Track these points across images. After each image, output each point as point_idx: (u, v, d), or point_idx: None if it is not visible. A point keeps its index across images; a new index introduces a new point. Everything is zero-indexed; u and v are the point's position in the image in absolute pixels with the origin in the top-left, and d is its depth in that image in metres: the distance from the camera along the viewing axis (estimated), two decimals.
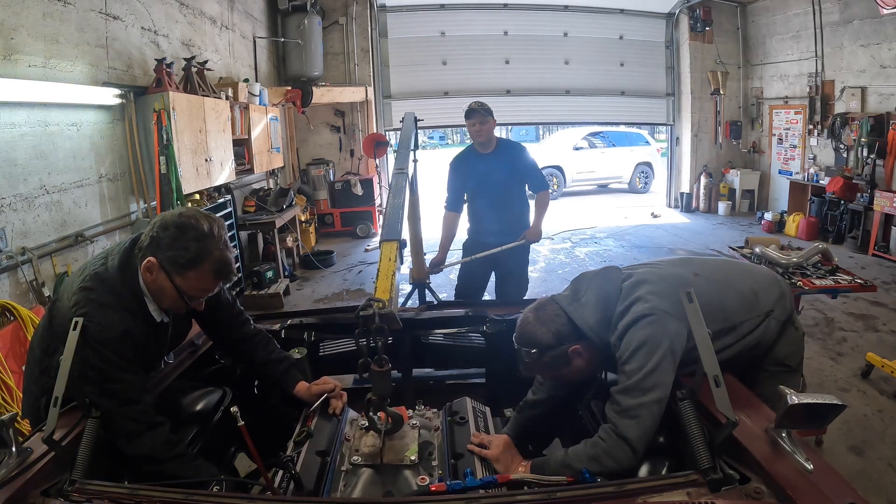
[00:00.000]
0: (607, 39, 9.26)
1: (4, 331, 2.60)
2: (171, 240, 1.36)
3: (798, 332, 1.70)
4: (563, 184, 12.13)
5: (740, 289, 1.61)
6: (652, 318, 1.38)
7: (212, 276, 1.41)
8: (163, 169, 3.79)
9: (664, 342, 1.35)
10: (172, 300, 1.43)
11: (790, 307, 1.68)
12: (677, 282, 1.48)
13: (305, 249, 6.85)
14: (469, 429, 1.54)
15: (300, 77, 7.41)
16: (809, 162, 7.88)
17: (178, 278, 1.39)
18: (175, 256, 1.36)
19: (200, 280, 1.40)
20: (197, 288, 1.42)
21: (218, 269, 1.40)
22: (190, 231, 1.36)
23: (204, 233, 1.37)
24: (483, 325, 2.17)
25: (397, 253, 1.48)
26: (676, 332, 1.37)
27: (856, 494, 1.00)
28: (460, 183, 3.49)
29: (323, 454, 1.41)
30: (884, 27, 6.49)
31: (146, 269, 1.39)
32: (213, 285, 1.45)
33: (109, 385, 1.33)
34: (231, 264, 1.44)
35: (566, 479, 1.36)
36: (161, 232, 1.38)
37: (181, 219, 1.39)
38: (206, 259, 1.37)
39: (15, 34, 2.86)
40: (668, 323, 1.37)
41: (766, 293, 1.62)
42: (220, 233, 1.41)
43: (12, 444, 1.20)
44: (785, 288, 1.71)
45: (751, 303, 1.58)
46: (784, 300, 1.65)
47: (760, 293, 1.61)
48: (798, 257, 2.99)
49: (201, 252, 1.37)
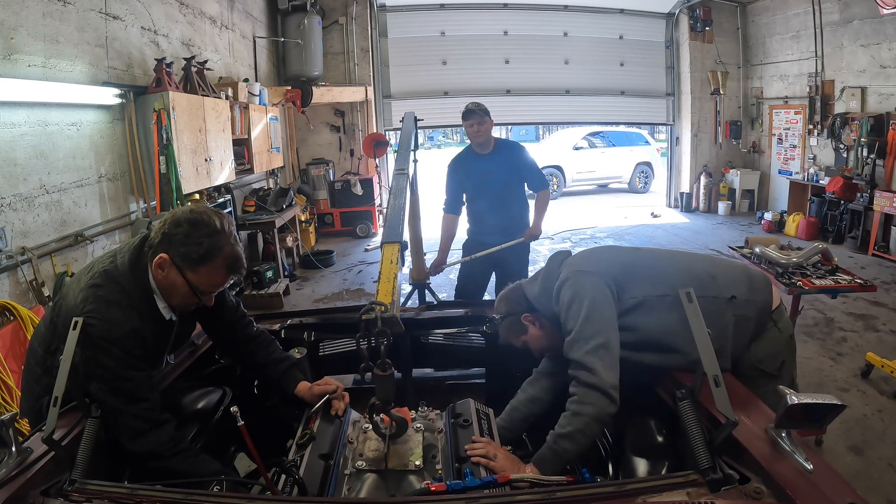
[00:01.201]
0: (607, 39, 9.26)
1: (4, 331, 2.60)
2: (184, 236, 1.38)
3: (781, 335, 1.62)
4: (562, 184, 12.13)
5: (692, 268, 1.63)
6: (571, 279, 1.57)
7: (224, 270, 1.43)
8: (163, 169, 3.79)
9: (586, 294, 1.52)
10: (183, 296, 1.44)
11: (767, 302, 1.61)
12: (606, 252, 1.72)
13: (305, 249, 6.85)
14: (473, 431, 1.53)
15: (300, 77, 7.42)
16: (809, 162, 7.88)
17: (190, 274, 1.40)
18: (188, 252, 1.38)
19: (212, 275, 1.42)
20: (209, 283, 1.43)
21: (230, 264, 1.43)
22: (202, 227, 1.38)
23: (216, 228, 1.39)
24: (483, 325, 2.18)
25: (399, 255, 1.48)
26: (594, 284, 1.54)
27: (856, 494, 0.99)
28: (458, 184, 3.49)
29: (326, 457, 1.40)
30: (884, 27, 6.49)
31: (158, 265, 1.40)
32: (225, 280, 1.47)
33: (118, 383, 1.34)
34: (242, 259, 1.46)
35: (566, 479, 1.37)
36: (173, 228, 1.39)
37: (193, 215, 1.41)
38: (218, 254, 1.39)
39: (15, 34, 2.85)
40: (582, 279, 1.56)
41: (728, 278, 1.61)
42: (230, 229, 1.43)
43: (12, 444, 1.20)
44: (757, 279, 1.66)
45: (704, 282, 1.57)
46: (756, 291, 1.60)
47: (720, 277, 1.60)
48: (798, 257, 2.99)
49: (214, 247, 1.39)
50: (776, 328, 1.61)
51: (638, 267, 1.62)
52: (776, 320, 1.62)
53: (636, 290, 1.55)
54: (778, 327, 1.62)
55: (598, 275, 1.55)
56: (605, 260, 1.65)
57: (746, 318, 1.57)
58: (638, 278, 1.58)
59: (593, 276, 1.55)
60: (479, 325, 2.20)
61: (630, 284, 1.56)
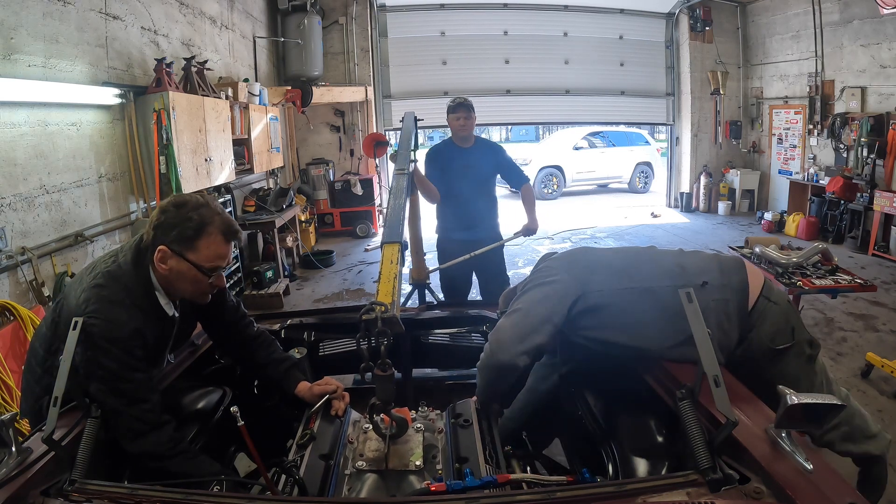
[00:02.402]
0: (607, 39, 9.26)
1: (4, 331, 2.60)
2: (173, 217, 1.40)
3: (778, 306, 1.60)
4: (562, 183, 12.14)
5: (661, 262, 1.66)
6: (537, 266, 1.74)
7: (221, 238, 1.44)
8: (162, 169, 3.79)
9: (541, 278, 1.65)
10: (193, 282, 1.45)
11: (743, 281, 1.59)
12: (580, 250, 1.79)
13: (305, 249, 6.85)
14: (473, 431, 1.53)
15: (300, 77, 7.41)
16: (809, 162, 7.88)
17: (190, 254, 1.41)
18: (181, 232, 1.40)
19: (212, 246, 1.43)
20: (212, 256, 1.43)
21: (225, 230, 1.44)
22: (187, 205, 1.42)
23: (200, 202, 1.43)
24: (483, 325, 2.18)
25: (399, 256, 1.48)
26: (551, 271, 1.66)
27: (856, 494, 0.99)
28: (438, 173, 3.41)
29: (326, 458, 1.40)
30: (884, 27, 6.49)
31: (159, 260, 1.41)
32: (226, 249, 1.47)
33: (119, 384, 1.34)
34: (235, 224, 1.48)
35: (566, 479, 1.37)
36: (161, 216, 1.42)
37: (175, 198, 1.46)
38: (210, 224, 1.41)
39: (15, 34, 2.85)
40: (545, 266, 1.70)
41: (696, 266, 1.62)
42: (215, 203, 1.46)
43: (12, 444, 1.20)
44: (727, 262, 1.67)
45: (674, 273, 1.60)
46: (727, 273, 1.61)
47: (688, 266, 1.63)
48: (798, 257, 2.99)
49: (203, 219, 1.41)
50: (770, 302, 1.59)
51: (608, 264, 1.68)
52: (767, 295, 1.60)
53: (603, 283, 1.60)
54: (771, 301, 1.60)
55: (560, 263, 1.69)
56: (575, 255, 1.75)
57: (725, 301, 1.57)
58: (607, 273, 1.63)
59: (554, 263, 1.69)
60: (479, 325, 2.20)
61: (597, 278, 1.61)
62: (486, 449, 1.46)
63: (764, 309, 1.58)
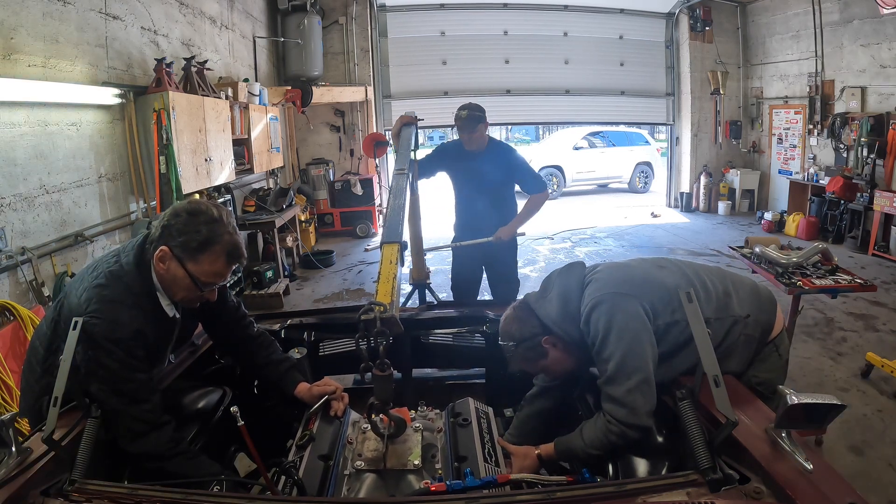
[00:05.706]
0: (607, 39, 9.25)
1: (4, 330, 2.60)
2: (183, 225, 1.39)
3: (780, 360, 1.59)
4: (562, 183, 12.14)
5: (710, 288, 1.57)
6: (606, 304, 1.45)
7: (224, 259, 1.42)
8: (162, 169, 3.79)
9: (626, 323, 1.42)
10: (186, 289, 1.44)
11: (771, 323, 1.58)
12: (635, 269, 1.60)
13: (305, 249, 6.85)
14: (472, 430, 1.53)
15: (300, 77, 7.41)
16: (809, 162, 7.88)
17: (190, 264, 1.40)
18: (187, 241, 1.38)
19: (213, 264, 1.41)
20: (210, 272, 1.42)
21: (229, 251, 1.42)
22: (200, 216, 1.39)
23: (214, 217, 1.40)
24: (483, 325, 2.18)
25: (398, 256, 1.48)
26: (633, 310, 1.44)
27: (856, 494, 0.99)
28: (439, 163, 3.34)
29: (325, 458, 1.40)
30: (884, 27, 6.49)
31: (159, 259, 1.40)
32: (226, 270, 1.45)
33: (119, 384, 1.34)
34: (241, 247, 1.46)
35: (566, 479, 1.37)
36: (172, 219, 1.40)
37: (191, 205, 1.42)
38: (217, 242, 1.39)
39: (15, 34, 2.85)
40: (619, 302, 1.45)
41: (741, 296, 1.58)
42: (228, 219, 1.44)
43: (12, 443, 1.20)
44: (765, 299, 1.62)
45: (721, 302, 1.54)
46: (764, 311, 1.57)
47: (734, 295, 1.57)
48: (798, 257, 2.99)
49: (212, 235, 1.39)
50: (777, 353, 1.60)
51: (666, 287, 1.52)
52: (778, 346, 1.60)
53: (667, 314, 1.49)
54: (779, 352, 1.61)
55: (633, 297, 1.45)
56: (638, 278, 1.54)
57: (752, 338, 1.56)
58: (665, 300, 1.50)
59: (629, 300, 1.45)
60: (479, 325, 2.20)
61: (661, 307, 1.49)
62: (485, 448, 1.46)
63: (768, 355, 1.59)
